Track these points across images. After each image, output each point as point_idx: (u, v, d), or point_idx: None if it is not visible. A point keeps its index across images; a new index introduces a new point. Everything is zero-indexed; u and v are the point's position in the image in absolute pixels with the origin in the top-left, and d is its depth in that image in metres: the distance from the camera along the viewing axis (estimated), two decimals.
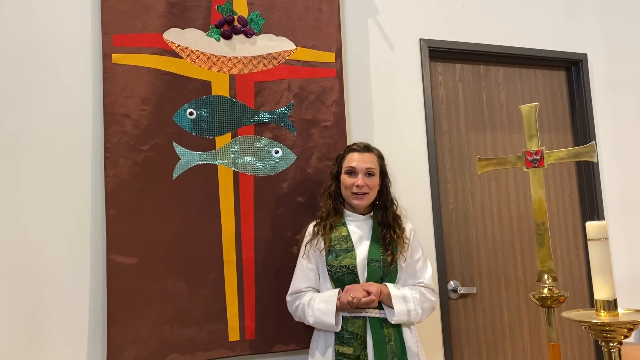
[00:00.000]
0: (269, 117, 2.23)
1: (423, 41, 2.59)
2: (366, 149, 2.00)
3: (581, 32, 2.94)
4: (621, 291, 2.45)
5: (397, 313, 1.80)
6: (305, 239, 1.98)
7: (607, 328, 1.20)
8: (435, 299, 1.96)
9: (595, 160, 1.94)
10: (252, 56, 2.23)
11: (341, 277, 1.87)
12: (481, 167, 2.05)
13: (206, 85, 2.15)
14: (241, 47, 2.22)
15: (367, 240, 1.92)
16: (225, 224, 2.12)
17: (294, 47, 2.29)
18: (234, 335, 2.08)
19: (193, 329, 2.02)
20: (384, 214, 1.97)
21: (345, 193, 1.97)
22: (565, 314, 1.33)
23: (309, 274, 1.93)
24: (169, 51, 2.10)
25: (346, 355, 1.79)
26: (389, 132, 2.47)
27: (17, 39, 2.00)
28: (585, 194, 2.86)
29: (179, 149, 2.09)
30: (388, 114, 2.49)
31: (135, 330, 1.94)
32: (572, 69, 2.93)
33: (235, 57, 2.21)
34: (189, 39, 2.14)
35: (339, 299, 1.81)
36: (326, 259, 1.90)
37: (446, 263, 2.53)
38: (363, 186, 1.92)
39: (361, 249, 1.90)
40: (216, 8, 2.20)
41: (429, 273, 1.97)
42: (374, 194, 1.97)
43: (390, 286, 1.85)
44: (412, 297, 1.86)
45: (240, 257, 2.12)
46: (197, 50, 2.15)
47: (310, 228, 1.99)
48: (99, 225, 2.00)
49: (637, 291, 2.80)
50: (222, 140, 2.16)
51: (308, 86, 2.29)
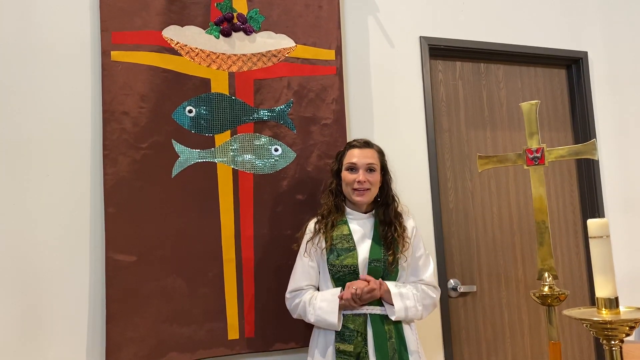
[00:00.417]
0: (268, 115, 2.22)
1: (423, 39, 2.58)
2: (367, 144, 1.99)
3: (582, 30, 2.93)
4: (622, 289, 2.44)
5: (397, 310, 1.80)
6: (306, 236, 1.96)
7: (609, 326, 1.20)
8: (436, 295, 1.95)
9: (597, 158, 1.94)
10: (252, 54, 2.22)
11: (342, 277, 1.86)
12: (481, 165, 2.05)
13: (205, 82, 2.14)
14: (241, 45, 2.21)
15: (369, 239, 1.91)
16: (224, 222, 2.11)
17: (294, 45, 2.28)
18: (233, 333, 2.07)
19: (192, 327, 2.02)
20: (385, 211, 1.95)
21: (346, 190, 1.95)
22: (566, 312, 1.33)
23: (309, 272, 1.92)
24: (168, 48, 2.09)
25: (347, 352, 1.78)
26: (388, 130, 2.46)
27: (16, 36, 1.99)
28: (586, 192, 2.85)
29: (178, 147, 2.08)
30: (388, 112, 2.48)
31: (134, 329, 1.93)
32: (573, 66, 2.92)
33: (234, 55, 2.20)
34: (188, 36, 2.14)
35: (341, 297, 1.80)
36: (327, 258, 1.89)
37: (446, 261, 2.53)
38: (364, 182, 1.90)
39: (363, 248, 1.89)
40: (215, 5, 2.19)
41: (430, 270, 1.96)
42: (375, 190, 1.95)
43: (389, 283, 1.84)
44: (412, 294, 1.85)
45: (239, 256, 2.11)
46: (197, 48, 2.15)
47: (311, 225, 1.98)
48: (98, 223, 1.99)
49: (638, 289, 2.80)
50: (222, 138, 2.15)
51: (308, 84, 2.28)
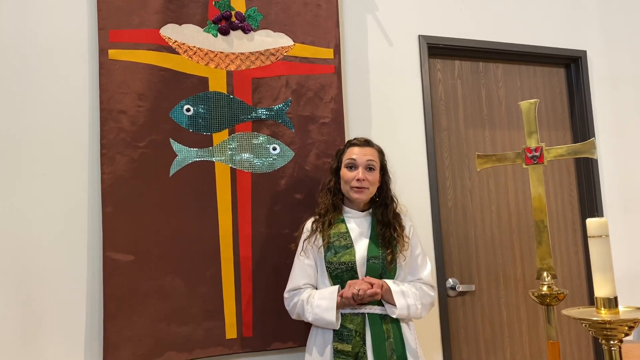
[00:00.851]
0: (266, 114, 2.21)
1: (422, 37, 2.57)
2: (367, 143, 1.98)
3: (580, 29, 2.93)
4: (620, 289, 2.44)
5: (399, 307, 1.79)
6: (303, 235, 1.96)
7: (608, 326, 1.19)
8: (434, 294, 1.96)
9: (596, 157, 1.93)
10: (250, 52, 2.21)
11: (340, 274, 1.86)
12: (480, 164, 2.04)
13: (203, 81, 2.13)
14: (239, 43, 2.21)
15: (366, 238, 1.91)
16: (222, 221, 2.10)
17: (292, 43, 2.28)
18: (231, 332, 2.07)
19: (190, 326, 2.01)
20: (383, 211, 1.95)
21: (344, 188, 1.95)
22: (565, 312, 1.32)
23: (307, 271, 1.92)
24: (166, 47, 2.09)
25: (345, 352, 1.77)
26: (387, 129, 2.45)
27: (13, 34, 1.98)
28: (585, 191, 2.85)
29: (176, 146, 2.07)
30: (386, 111, 2.48)
31: (131, 328, 1.93)
32: (572, 65, 2.91)
33: (232, 53, 2.19)
34: (186, 34, 2.13)
35: (340, 295, 1.79)
36: (325, 256, 1.89)
37: (445, 260, 2.52)
38: (364, 180, 1.90)
39: (360, 246, 1.88)
40: (213, 4, 2.18)
41: (428, 269, 1.96)
42: (373, 189, 1.95)
43: (389, 282, 1.84)
44: (412, 293, 1.85)
45: (237, 255, 2.10)
46: (194, 46, 2.14)
47: (309, 224, 1.97)
48: (96, 222, 1.99)
49: (637, 289, 2.79)
50: (220, 137, 2.15)
51: (306, 82, 2.27)
